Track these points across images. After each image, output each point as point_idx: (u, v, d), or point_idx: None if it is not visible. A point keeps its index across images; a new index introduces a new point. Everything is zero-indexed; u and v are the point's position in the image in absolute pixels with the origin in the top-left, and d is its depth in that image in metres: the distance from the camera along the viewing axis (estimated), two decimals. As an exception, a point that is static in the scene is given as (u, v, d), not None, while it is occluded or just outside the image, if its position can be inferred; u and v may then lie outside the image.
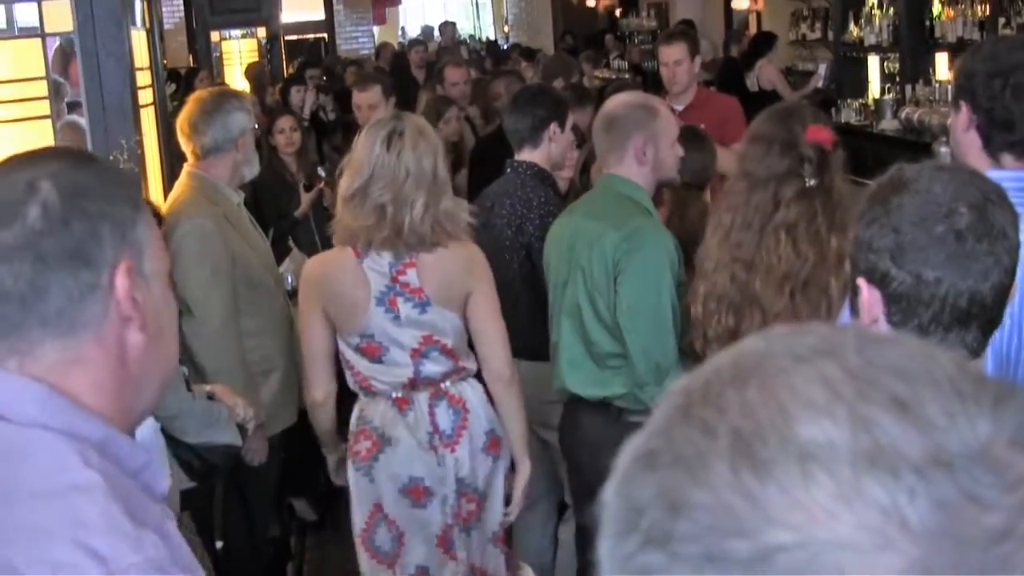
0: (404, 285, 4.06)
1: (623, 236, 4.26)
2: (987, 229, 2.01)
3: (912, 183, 2.06)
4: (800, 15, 14.84)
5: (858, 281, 2.11)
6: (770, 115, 3.85)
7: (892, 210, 2.05)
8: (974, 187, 2.05)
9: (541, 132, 5.21)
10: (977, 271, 2.01)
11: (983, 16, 10.44)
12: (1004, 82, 3.00)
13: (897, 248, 2.03)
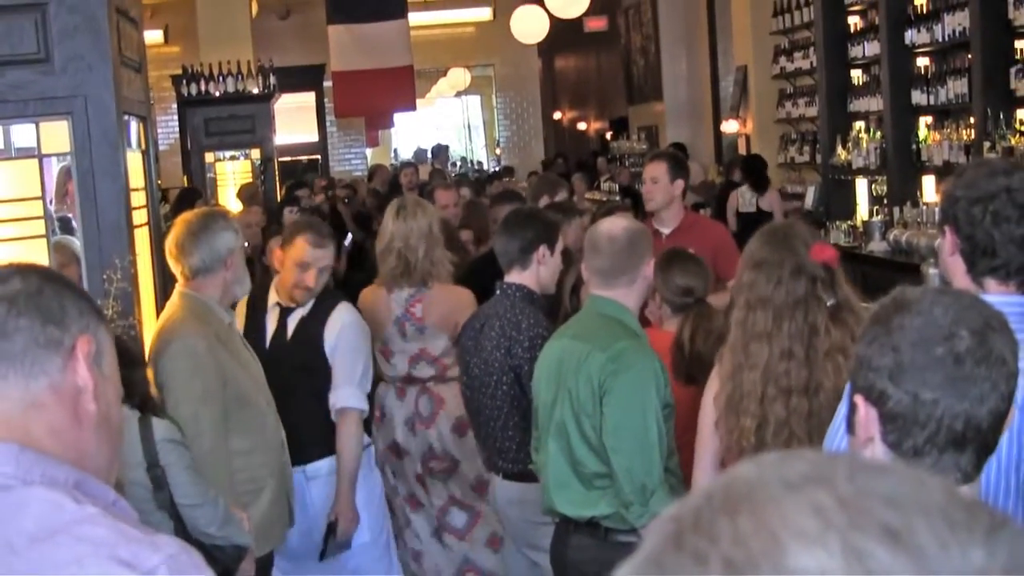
0: (412, 314, 6.07)
1: (609, 357, 4.28)
2: (986, 354, 2.02)
3: (914, 305, 2.08)
4: (789, 138, 14.99)
5: (855, 398, 2.11)
6: (768, 238, 3.83)
7: (893, 330, 2.06)
8: (976, 312, 2.07)
9: (530, 254, 5.24)
10: (974, 395, 2.01)
11: (968, 140, 10.56)
12: (984, 208, 3.04)
13: (896, 367, 2.04)
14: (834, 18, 13.25)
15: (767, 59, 15.18)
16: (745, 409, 3.74)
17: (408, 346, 6.12)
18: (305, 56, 22.35)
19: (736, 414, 3.77)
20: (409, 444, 6.18)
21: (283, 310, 5.58)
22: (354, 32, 18.38)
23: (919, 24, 11.48)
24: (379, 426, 6.26)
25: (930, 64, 11.65)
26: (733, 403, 3.78)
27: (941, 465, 2.04)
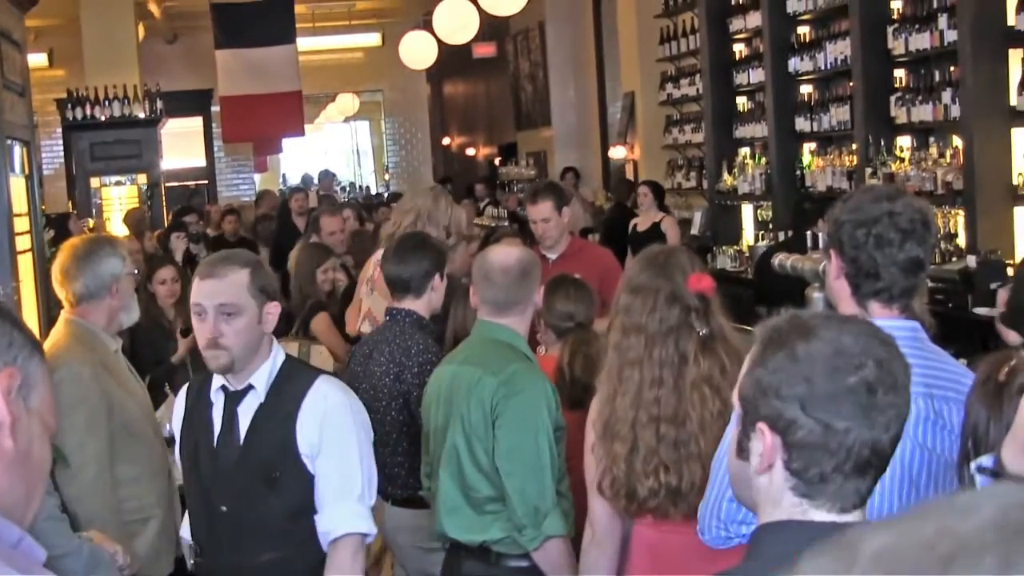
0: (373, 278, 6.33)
1: (501, 381, 4.28)
2: (892, 382, 2.04)
3: (816, 331, 2.06)
4: (675, 164, 15.12)
5: (759, 425, 2.09)
6: (648, 264, 3.85)
7: (800, 358, 2.04)
8: (877, 340, 2.08)
9: (426, 283, 5.26)
10: (882, 423, 2.03)
11: (851, 166, 10.73)
12: (867, 232, 3.09)
13: (808, 396, 2.02)
14: (720, 46, 13.40)
15: (654, 86, 15.30)
16: (617, 434, 3.76)
17: (365, 303, 6.61)
18: (193, 81, 22.18)
19: (610, 439, 3.78)
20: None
21: (229, 395, 3.98)
22: (242, 57, 18.31)
23: (802, 52, 11.65)
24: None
25: (813, 91, 11.82)
26: (608, 428, 3.80)
27: (843, 491, 2.06)
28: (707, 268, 3.99)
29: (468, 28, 13.07)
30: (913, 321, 3.15)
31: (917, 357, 3.08)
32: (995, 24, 8.84)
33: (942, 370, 3.11)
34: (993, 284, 8.19)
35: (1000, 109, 8.86)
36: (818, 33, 11.55)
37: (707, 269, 3.95)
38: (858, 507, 2.09)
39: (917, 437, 3.03)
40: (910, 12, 9.97)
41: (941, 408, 3.04)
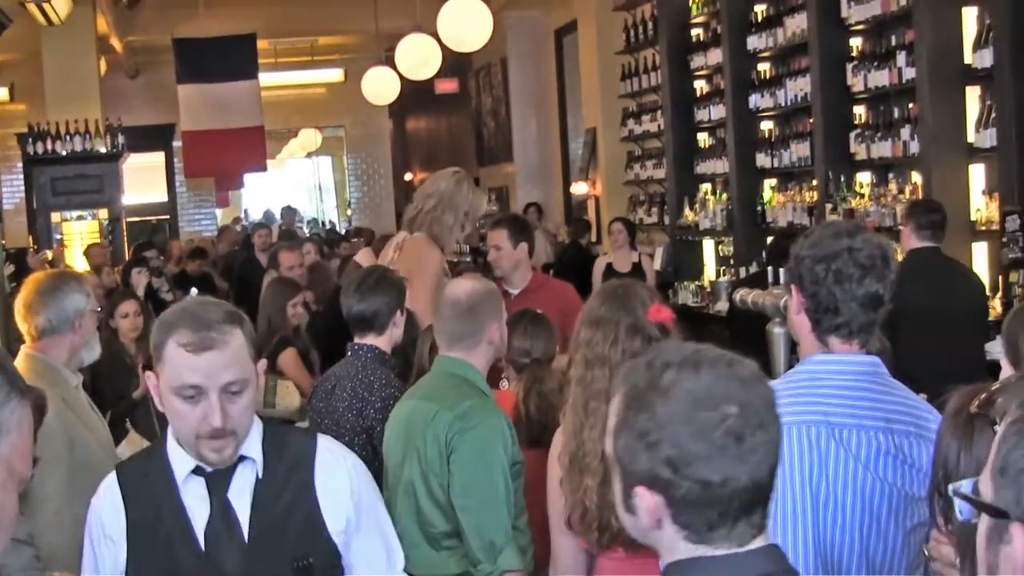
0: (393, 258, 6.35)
1: (456, 416, 4.29)
2: (758, 420, 2.03)
3: (673, 387, 2.04)
4: (637, 200, 15.18)
5: (636, 489, 2.07)
6: (607, 297, 3.86)
7: (663, 421, 2.02)
8: (736, 381, 2.06)
9: (389, 319, 5.27)
10: (755, 462, 2.02)
11: (811, 202, 10.80)
12: (827, 267, 3.12)
13: (679, 458, 2.01)
14: (681, 82, 13.48)
15: (616, 122, 15.37)
16: (587, 467, 3.73)
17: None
18: (154, 115, 22.14)
19: (579, 472, 3.77)
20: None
21: (211, 477, 3.09)
22: (204, 92, 18.32)
23: (763, 89, 11.74)
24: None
25: (774, 128, 11.91)
26: (576, 461, 3.79)
27: (736, 532, 2.05)
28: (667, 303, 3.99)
29: (430, 64, 13.09)
30: (873, 356, 3.18)
31: (876, 392, 3.11)
32: (952, 62, 8.93)
33: (902, 404, 3.13)
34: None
35: (958, 145, 8.94)
36: (778, 70, 11.64)
37: (666, 303, 3.96)
38: (757, 536, 2.08)
39: (878, 471, 3.06)
40: (869, 50, 10.07)
41: (901, 443, 3.07)
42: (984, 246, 8.98)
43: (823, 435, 3.06)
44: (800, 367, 3.22)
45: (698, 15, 13.12)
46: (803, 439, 3.06)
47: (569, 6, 15.99)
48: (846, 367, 3.13)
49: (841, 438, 3.06)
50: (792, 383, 3.18)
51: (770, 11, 11.79)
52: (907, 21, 9.41)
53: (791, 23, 11.15)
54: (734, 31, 12.01)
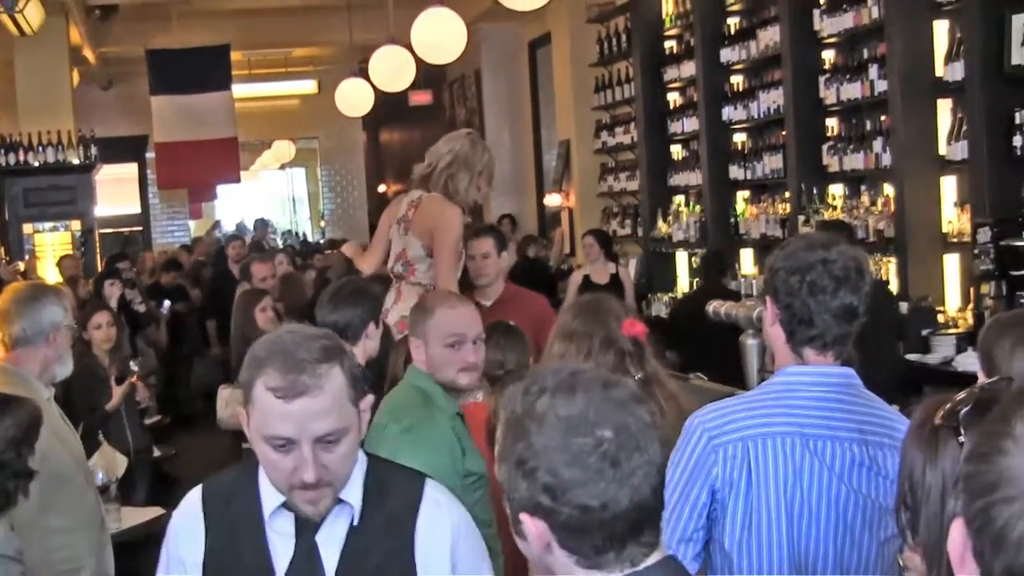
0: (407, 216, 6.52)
1: (402, 428, 4.28)
2: (634, 443, 2.01)
3: (547, 414, 2.03)
4: (610, 212, 15.19)
5: (521, 516, 2.06)
6: (581, 311, 3.87)
7: (539, 450, 2.02)
8: (610, 402, 2.05)
9: (362, 331, 5.27)
10: (636, 484, 2.00)
11: (784, 214, 10.84)
12: (801, 279, 3.13)
13: (557, 486, 2.00)
14: (654, 95, 13.51)
15: (589, 134, 15.39)
16: None
17: (397, 244, 6.63)
18: (128, 127, 22.09)
19: None
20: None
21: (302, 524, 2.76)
22: (177, 103, 18.27)
23: (736, 101, 11.77)
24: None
25: (747, 140, 11.94)
26: None
27: (627, 553, 2.04)
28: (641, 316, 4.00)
29: (404, 76, 13.10)
30: (847, 368, 3.19)
31: (850, 404, 3.12)
32: (924, 75, 8.98)
33: (875, 416, 3.14)
34: (925, 330, 8.30)
35: (930, 158, 8.99)
36: (751, 83, 11.68)
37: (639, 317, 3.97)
38: (651, 554, 2.07)
39: (852, 483, 3.07)
40: (841, 62, 10.12)
41: (875, 454, 3.08)
42: (956, 258, 9.02)
43: (797, 446, 3.08)
44: (774, 379, 3.23)
45: (672, 28, 13.15)
46: (778, 451, 3.08)
47: (543, 18, 16.01)
48: (820, 379, 3.14)
49: (815, 449, 3.07)
50: (766, 394, 3.19)
51: (743, 24, 11.83)
52: (879, 34, 9.46)
53: (764, 36, 11.19)
54: (707, 44, 12.05)
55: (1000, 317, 3.05)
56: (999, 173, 8.17)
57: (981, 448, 1.30)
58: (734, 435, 3.09)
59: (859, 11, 9.70)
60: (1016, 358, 2.84)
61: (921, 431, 2.23)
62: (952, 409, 2.12)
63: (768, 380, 3.29)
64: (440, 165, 6.65)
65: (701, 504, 3.11)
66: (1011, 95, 8.19)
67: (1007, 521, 1.23)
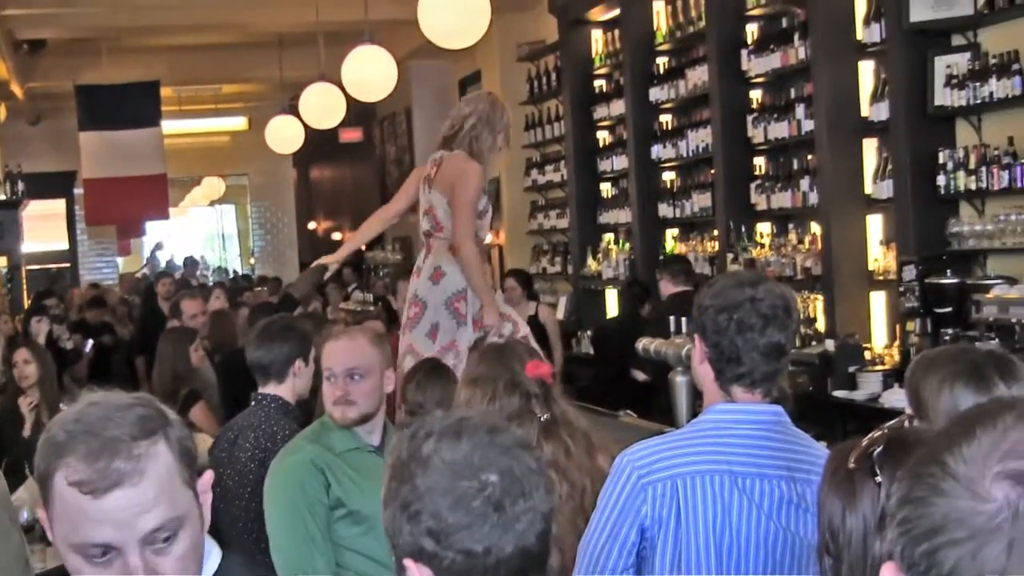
0: (431, 173, 6.65)
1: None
2: (519, 489, 2.01)
3: (432, 457, 2.02)
4: (541, 249, 15.23)
5: (404, 562, 2.04)
6: (485, 356, 3.89)
7: (422, 492, 2.00)
8: (496, 448, 2.03)
9: (288, 368, 5.26)
10: (520, 530, 2.00)
11: (712, 252, 10.92)
12: (729, 317, 3.16)
13: (440, 530, 1.98)
14: (584, 133, 13.58)
15: (519, 172, 15.42)
16: None
17: (424, 202, 6.74)
18: (56, 162, 21.92)
19: None
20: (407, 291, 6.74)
21: None
22: (106, 139, 18.14)
23: (665, 140, 11.86)
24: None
25: (676, 178, 12.03)
26: None
27: None
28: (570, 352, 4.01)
29: (335, 113, 13.11)
30: (776, 406, 3.21)
31: (779, 441, 3.15)
32: (850, 114, 9.10)
33: (804, 453, 3.17)
34: (851, 367, 8.38)
35: (856, 196, 9.10)
36: (680, 121, 11.78)
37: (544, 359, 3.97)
38: None
39: (780, 520, 3.09)
40: (769, 102, 10.23)
41: (804, 491, 3.10)
42: (882, 295, 9.12)
43: (726, 484, 3.09)
44: (703, 417, 3.25)
45: (601, 66, 13.24)
46: (707, 489, 3.09)
47: (473, 56, 16.05)
48: (749, 416, 3.17)
49: (744, 487, 3.09)
50: (695, 432, 3.21)
51: (672, 63, 11.94)
52: (806, 75, 9.57)
53: (693, 75, 11.29)
54: (637, 83, 12.13)
55: (927, 354, 3.08)
56: (923, 212, 8.27)
57: (918, 491, 1.31)
58: (663, 473, 3.10)
59: (786, 51, 9.83)
60: (943, 395, 2.87)
61: (836, 477, 2.24)
62: (865, 451, 2.15)
63: (697, 418, 3.31)
64: (465, 126, 6.72)
65: (631, 543, 3.12)
66: (934, 135, 8.31)
67: (956, 564, 1.24)
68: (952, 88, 8.09)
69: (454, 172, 6.61)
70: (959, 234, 8.07)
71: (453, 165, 6.64)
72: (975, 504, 1.25)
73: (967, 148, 8.07)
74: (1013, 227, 7.62)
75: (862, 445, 2.17)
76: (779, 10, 10.12)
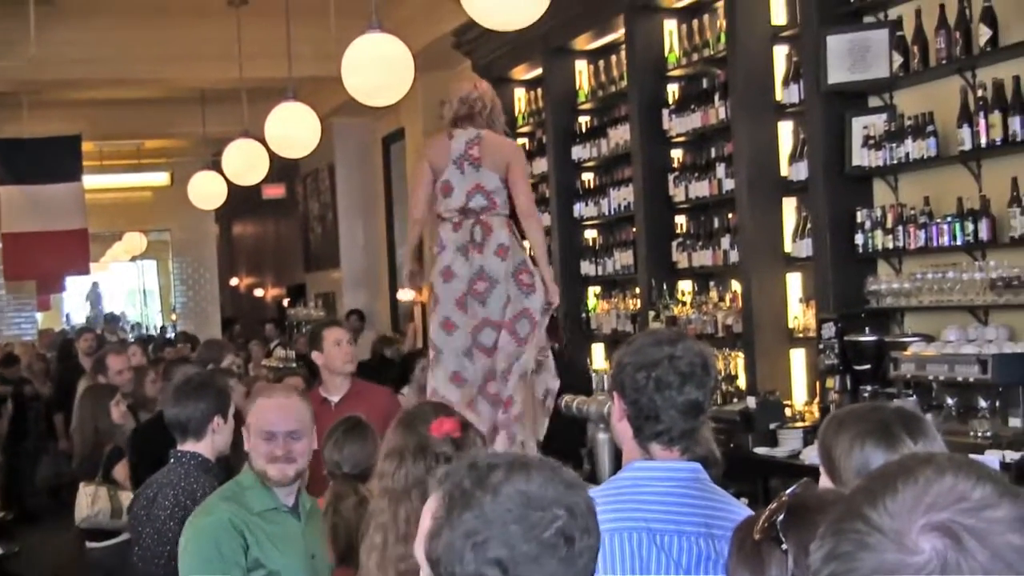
0: (471, 155, 6.65)
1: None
2: (585, 524, 1.99)
3: (502, 485, 1.98)
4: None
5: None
6: (396, 426, 3.88)
7: (491, 519, 1.95)
8: (563, 484, 2.01)
9: (206, 425, 5.23)
10: (582, 566, 1.99)
11: (634, 309, 10.97)
12: (647, 375, 3.18)
13: (509, 559, 1.93)
14: (507, 190, 13.61)
15: (443, 229, 15.44)
16: None
17: (466, 180, 6.64)
18: (-27, 217, 21.69)
19: None
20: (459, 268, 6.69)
21: None
22: (27, 193, 17.98)
23: (587, 198, 11.92)
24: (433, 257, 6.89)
25: (598, 236, 12.09)
26: None
27: None
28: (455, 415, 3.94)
29: (258, 169, 13.08)
30: (694, 463, 3.23)
31: (697, 498, 3.16)
32: (769, 174, 9.19)
33: (722, 510, 3.18)
34: (772, 424, 8.43)
35: (775, 255, 9.19)
36: (602, 180, 11.85)
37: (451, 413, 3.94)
38: None
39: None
40: (690, 161, 10.33)
41: (722, 548, 3.11)
42: (802, 353, 9.20)
43: (644, 542, 3.10)
44: (622, 473, 3.26)
45: (524, 125, 13.30)
46: (624, 546, 3.10)
47: (397, 114, 16.11)
48: (667, 473, 3.18)
49: (662, 544, 3.10)
50: (613, 489, 3.22)
51: (594, 122, 12.02)
52: (726, 134, 9.68)
53: (615, 134, 11.38)
54: (559, 141, 12.20)
55: (837, 414, 3.11)
56: (842, 270, 8.37)
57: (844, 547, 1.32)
58: (581, 530, 3.10)
59: (706, 111, 9.93)
60: (855, 453, 2.90)
61: (743, 551, 2.26)
62: (768, 521, 2.17)
63: (616, 475, 3.32)
64: (479, 107, 6.85)
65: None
66: (852, 194, 8.42)
67: None
68: (869, 148, 8.20)
69: (506, 150, 6.83)
70: (877, 292, 8.16)
71: (500, 143, 6.84)
72: (903, 557, 1.27)
73: (884, 207, 8.18)
74: (929, 285, 7.71)
75: (764, 516, 2.18)
76: (699, 71, 10.24)
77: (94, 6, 14.24)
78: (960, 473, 1.31)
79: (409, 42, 8.47)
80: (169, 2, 14.23)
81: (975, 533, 1.26)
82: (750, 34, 9.25)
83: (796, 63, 8.91)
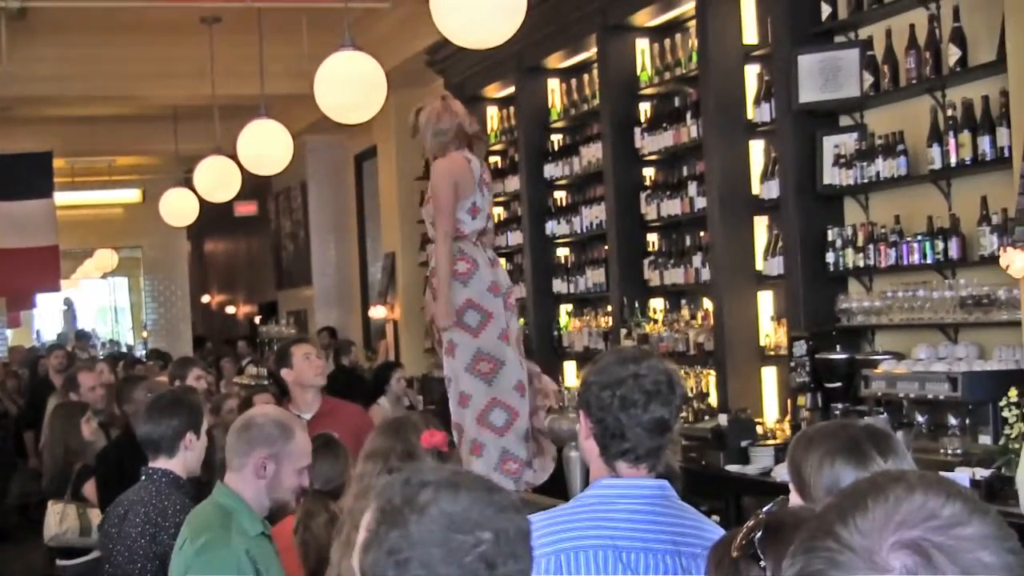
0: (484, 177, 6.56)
1: (196, 550, 4.21)
2: (511, 551, 1.97)
3: (429, 506, 1.96)
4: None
5: None
6: (383, 429, 3.88)
7: (415, 540, 1.93)
8: (493, 507, 1.99)
9: (178, 442, 5.20)
10: None
11: (606, 327, 10.99)
12: (613, 393, 3.18)
13: None
14: (480, 208, 13.62)
15: (415, 246, 15.45)
16: None
17: (486, 203, 6.63)
18: (-57, 234, 21.59)
19: None
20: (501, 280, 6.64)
21: None
22: (-3, 210, 17.92)
23: (559, 216, 11.94)
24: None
25: (570, 254, 12.11)
26: None
27: None
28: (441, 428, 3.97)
29: (229, 186, 13.06)
30: (661, 480, 3.23)
31: (664, 515, 3.17)
32: (741, 193, 9.23)
33: (689, 527, 3.19)
34: (744, 442, 8.45)
35: (747, 273, 9.22)
36: (574, 198, 11.87)
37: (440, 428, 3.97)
38: None
39: (665, 595, 3.10)
40: (662, 179, 10.37)
41: (689, 565, 3.12)
42: (773, 370, 9.22)
43: (610, 559, 3.10)
44: (588, 491, 3.26)
45: (496, 143, 13.31)
46: (590, 564, 3.10)
47: (369, 132, 16.11)
48: (633, 491, 3.18)
49: (629, 562, 3.10)
50: (580, 507, 3.22)
51: (566, 141, 12.05)
52: (698, 153, 9.72)
53: (587, 152, 11.40)
54: (531, 159, 12.22)
55: (807, 432, 3.12)
56: (813, 288, 8.40)
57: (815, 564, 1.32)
58: (547, 548, 3.10)
59: (679, 130, 9.97)
60: (824, 471, 2.90)
61: (720, 570, 2.26)
62: (746, 538, 2.17)
63: (582, 493, 3.32)
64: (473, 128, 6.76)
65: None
66: (823, 213, 8.46)
67: None
68: (840, 167, 8.24)
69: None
70: (848, 310, 8.19)
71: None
72: (874, 575, 1.27)
73: (855, 226, 8.22)
74: (900, 303, 7.75)
75: (741, 534, 2.19)
76: (671, 90, 10.28)
77: (66, 23, 14.20)
78: (930, 491, 1.32)
79: (382, 60, 8.49)
80: (142, 19, 14.20)
81: (945, 551, 1.27)
82: (722, 53, 9.29)
83: (767, 82, 8.95)
